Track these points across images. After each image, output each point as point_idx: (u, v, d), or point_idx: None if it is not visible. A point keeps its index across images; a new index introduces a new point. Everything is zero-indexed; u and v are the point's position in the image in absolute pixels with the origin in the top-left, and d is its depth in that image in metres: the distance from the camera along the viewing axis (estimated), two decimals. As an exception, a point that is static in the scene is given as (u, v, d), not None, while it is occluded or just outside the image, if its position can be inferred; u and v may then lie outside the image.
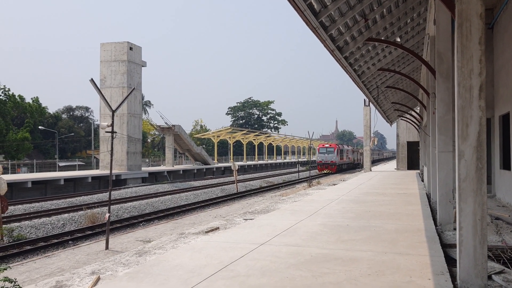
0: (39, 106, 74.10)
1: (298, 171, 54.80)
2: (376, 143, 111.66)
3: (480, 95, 5.89)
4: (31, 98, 74.20)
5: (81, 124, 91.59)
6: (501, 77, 16.25)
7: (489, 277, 6.41)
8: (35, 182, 32.50)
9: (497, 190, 17.30)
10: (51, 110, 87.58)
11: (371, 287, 5.91)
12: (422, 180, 27.63)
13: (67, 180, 35.36)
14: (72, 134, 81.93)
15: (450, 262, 7.42)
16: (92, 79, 12.43)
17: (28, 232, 17.48)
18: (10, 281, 5.57)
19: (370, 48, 18.64)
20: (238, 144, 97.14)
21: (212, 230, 10.97)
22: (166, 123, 51.48)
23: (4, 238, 15.86)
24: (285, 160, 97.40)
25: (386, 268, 6.81)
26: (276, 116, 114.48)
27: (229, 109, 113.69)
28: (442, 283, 5.99)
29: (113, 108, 13.03)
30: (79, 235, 16.87)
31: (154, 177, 46.05)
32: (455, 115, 6.14)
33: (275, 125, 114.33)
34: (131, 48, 43.19)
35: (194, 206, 25.06)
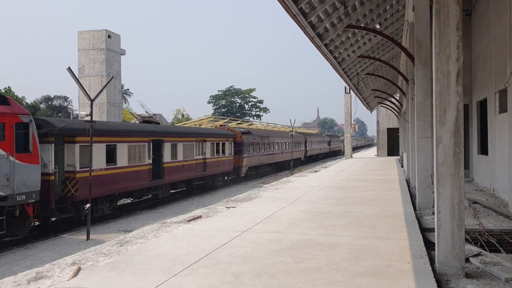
0: (13, 95, 72.75)
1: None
2: (357, 130, 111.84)
3: (457, 81, 5.95)
4: (4, 88, 72.70)
5: (60, 114, 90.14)
6: (479, 64, 16.46)
7: (467, 260, 6.54)
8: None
9: (475, 174, 17.62)
10: (29, 100, 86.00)
11: (352, 272, 5.99)
12: (402, 166, 27.98)
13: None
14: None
15: (429, 245, 7.55)
16: (69, 67, 12.22)
17: (7, 224, 17.19)
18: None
19: (349, 35, 18.68)
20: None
21: (194, 219, 10.96)
22: (146, 112, 50.91)
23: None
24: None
25: (366, 253, 6.90)
26: (258, 104, 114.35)
27: (211, 98, 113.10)
28: (421, 266, 6.10)
29: (92, 98, 12.84)
30: (61, 225, 16.60)
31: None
32: (433, 101, 6.20)
33: (257, 113, 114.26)
34: (109, 36, 42.55)
35: (176, 195, 24.93)
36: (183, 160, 22.40)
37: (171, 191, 22.97)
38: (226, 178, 29.73)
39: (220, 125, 34.40)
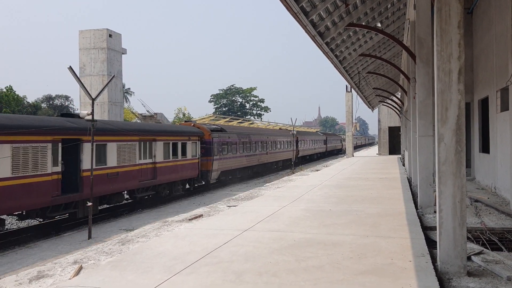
0: (14, 94, 72.84)
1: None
2: (358, 128, 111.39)
3: (459, 79, 5.94)
4: (5, 87, 72.74)
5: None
6: (480, 62, 16.43)
7: (469, 258, 6.54)
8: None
9: (476, 173, 17.59)
10: (30, 99, 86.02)
11: (353, 270, 5.99)
12: (404, 165, 27.96)
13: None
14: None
15: (431, 244, 7.55)
16: (70, 66, 12.22)
17: (9, 223, 17.25)
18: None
19: (351, 33, 18.66)
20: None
21: (195, 218, 10.97)
22: (148, 111, 51.01)
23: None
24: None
25: (367, 251, 6.89)
26: (259, 103, 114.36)
27: (212, 97, 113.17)
28: (423, 265, 6.09)
29: (93, 97, 12.84)
30: (62, 225, 16.67)
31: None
32: (435, 99, 6.20)
33: (258, 111, 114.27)
34: (110, 35, 42.57)
35: (178, 194, 24.90)
36: (117, 166, 16.79)
37: (102, 207, 18.24)
38: (190, 185, 24.39)
39: (185, 121, 29.54)
